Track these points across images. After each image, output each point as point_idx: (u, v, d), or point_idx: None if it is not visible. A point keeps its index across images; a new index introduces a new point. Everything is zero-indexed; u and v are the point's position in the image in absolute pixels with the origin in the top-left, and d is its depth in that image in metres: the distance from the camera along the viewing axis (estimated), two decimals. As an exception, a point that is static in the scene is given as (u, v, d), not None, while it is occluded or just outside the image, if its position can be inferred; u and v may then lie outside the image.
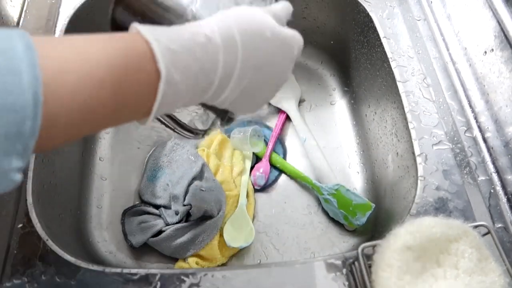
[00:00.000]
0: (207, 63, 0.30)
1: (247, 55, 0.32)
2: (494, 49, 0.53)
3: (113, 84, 0.27)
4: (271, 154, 0.70)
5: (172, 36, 0.29)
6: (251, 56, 0.32)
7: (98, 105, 0.27)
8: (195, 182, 0.62)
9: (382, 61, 0.63)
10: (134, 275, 0.44)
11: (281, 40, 0.34)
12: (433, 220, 0.39)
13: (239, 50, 0.31)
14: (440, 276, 0.37)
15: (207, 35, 0.30)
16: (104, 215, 0.65)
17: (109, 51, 0.27)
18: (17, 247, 0.46)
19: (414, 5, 0.67)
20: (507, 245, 0.46)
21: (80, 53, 0.26)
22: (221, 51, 0.30)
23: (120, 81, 0.27)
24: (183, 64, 0.29)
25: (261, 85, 0.35)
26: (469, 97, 0.56)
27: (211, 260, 0.59)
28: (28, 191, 0.49)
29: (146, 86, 0.29)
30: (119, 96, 0.28)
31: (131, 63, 0.28)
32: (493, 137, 0.52)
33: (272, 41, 0.33)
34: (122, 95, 0.28)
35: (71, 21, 0.64)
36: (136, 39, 0.29)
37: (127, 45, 0.28)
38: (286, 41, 0.35)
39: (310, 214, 0.66)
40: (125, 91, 0.28)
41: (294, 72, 0.78)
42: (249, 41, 0.32)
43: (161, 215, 0.61)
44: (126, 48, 0.28)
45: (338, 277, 0.44)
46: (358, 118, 0.74)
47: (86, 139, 0.70)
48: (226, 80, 0.32)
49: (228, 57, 0.31)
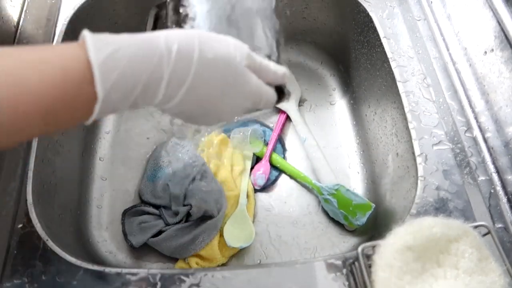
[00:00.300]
0: (151, 81, 0.29)
1: (196, 83, 0.31)
2: (494, 49, 0.53)
3: (46, 114, 0.27)
4: (271, 154, 0.70)
5: (121, 47, 0.28)
6: (199, 90, 0.31)
7: (27, 127, 0.27)
8: (195, 182, 0.62)
9: (382, 61, 0.63)
10: (134, 275, 0.44)
11: (241, 91, 0.33)
12: (433, 220, 0.39)
13: (187, 83, 0.30)
14: (440, 276, 0.37)
15: (161, 53, 0.29)
16: (104, 215, 0.65)
17: (45, 79, 0.26)
18: (17, 247, 0.46)
19: (414, 5, 0.67)
20: (507, 245, 0.46)
21: (14, 81, 0.26)
22: (167, 77, 0.29)
23: (55, 109, 0.27)
24: (123, 83, 0.28)
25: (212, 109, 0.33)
26: (469, 97, 0.56)
27: (211, 260, 0.59)
28: (28, 191, 0.49)
29: (81, 107, 0.28)
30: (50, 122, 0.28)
31: (69, 88, 0.27)
32: (493, 137, 0.52)
33: (231, 86, 0.32)
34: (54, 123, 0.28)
35: (71, 21, 0.64)
36: (79, 56, 0.28)
37: (67, 68, 0.27)
38: (246, 92, 0.33)
39: (310, 214, 0.66)
40: (58, 119, 0.28)
41: (294, 72, 0.79)
42: (202, 78, 0.31)
43: (161, 215, 0.61)
44: (65, 74, 0.27)
45: (338, 277, 0.44)
46: (358, 118, 0.74)
47: (86, 139, 0.70)
48: (164, 101, 0.31)
49: (173, 84, 0.30)
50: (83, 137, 0.69)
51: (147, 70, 0.29)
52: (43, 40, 0.62)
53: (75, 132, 0.66)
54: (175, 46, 0.30)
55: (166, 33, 0.30)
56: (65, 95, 0.27)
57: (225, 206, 0.61)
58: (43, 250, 0.46)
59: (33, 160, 0.52)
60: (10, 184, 0.50)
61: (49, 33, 0.63)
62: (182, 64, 0.30)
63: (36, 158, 0.52)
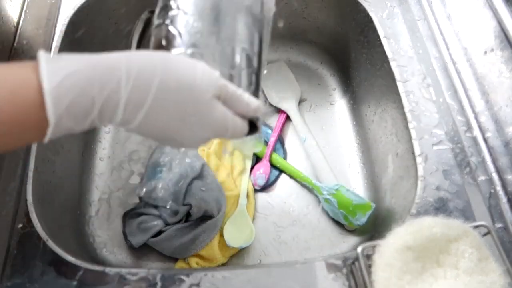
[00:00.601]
0: (107, 105, 0.29)
1: (154, 109, 0.30)
2: (494, 49, 0.53)
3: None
4: (271, 154, 0.70)
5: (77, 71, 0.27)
6: (158, 115, 0.30)
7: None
8: (195, 182, 0.62)
9: (382, 61, 0.63)
10: (134, 275, 0.44)
11: (202, 120, 0.32)
12: (433, 220, 0.39)
13: (145, 108, 0.29)
14: (440, 276, 0.37)
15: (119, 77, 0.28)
16: (104, 215, 0.65)
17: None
18: (17, 247, 0.46)
19: (414, 5, 0.67)
20: (507, 245, 0.46)
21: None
22: (123, 102, 0.29)
23: (2, 132, 0.27)
24: (77, 108, 0.28)
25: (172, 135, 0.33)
26: (469, 97, 0.56)
27: (211, 260, 0.59)
28: (28, 191, 0.49)
29: (33, 130, 0.28)
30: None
31: (18, 113, 0.27)
32: (493, 137, 0.52)
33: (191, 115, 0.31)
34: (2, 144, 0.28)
35: (71, 21, 0.64)
36: (31, 80, 0.27)
37: (17, 93, 0.27)
38: (208, 122, 0.32)
39: (310, 214, 0.66)
40: (6, 141, 0.28)
41: (294, 72, 0.79)
42: (161, 104, 0.30)
43: (161, 215, 0.61)
44: (15, 98, 0.26)
45: (338, 277, 0.44)
46: (358, 118, 0.74)
47: (86, 139, 0.70)
48: (123, 124, 0.30)
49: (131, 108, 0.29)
50: (83, 137, 0.69)
51: (103, 95, 0.28)
52: (43, 40, 0.62)
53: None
54: (135, 71, 0.29)
55: (128, 56, 0.30)
56: (14, 119, 0.27)
57: (225, 206, 0.61)
58: (43, 250, 0.46)
59: (33, 160, 0.52)
60: (10, 184, 0.50)
61: (49, 33, 0.63)
62: (140, 89, 0.29)
63: (36, 158, 0.52)
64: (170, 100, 0.30)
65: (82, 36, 0.68)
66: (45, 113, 0.27)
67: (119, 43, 0.76)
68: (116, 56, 0.29)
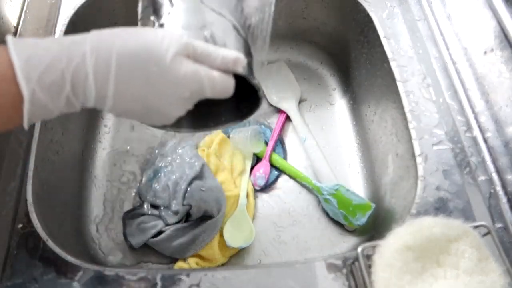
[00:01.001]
0: (77, 77, 0.30)
1: (121, 77, 0.31)
2: (494, 49, 0.53)
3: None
4: (271, 154, 0.70)
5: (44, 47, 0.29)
6: (127, 83, 0.31)
7: None
8: (195, 182, 0.62)
9: (382, 61, 0.63)
10: (134, 275, 0.44)
11: (170, 79, 0.32)
12: (433, 220, 0.39)
13: (111, 76, 0.30)
14: (440, 276, 0.37)
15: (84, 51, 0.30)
16: (104, 215, 0.65)
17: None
18: (17, 247, 0.46)
19: (414, 5, 0.67)
20: (507, 245, 0.46)
21: None
22: (91, 72, 0.30)
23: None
24: (48, 80, 0.29)
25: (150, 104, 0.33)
26: (469, 97, 0.56)
27: (211, 260, 0.59)
28: (28, 191, 0.49)
29: (9, 109, 0.29)
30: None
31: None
32: (493, 137, 0.52)
33: (157, 75, 0.32)
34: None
35: (71, 21, 0.64)
36: (2, 56, 0.28)
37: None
38: (177, 80, 0.32)
39: (310, 214, 0.66)
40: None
41: (294, 72, 0.79)
42: (126, 70, 0.31)
43: (160, 216, 0.61)
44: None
45: (338, 277, 0.44)
46: (358, 118, 0.74)
47: (86, 139, 0.70)
48: (101, 100, 0.31)
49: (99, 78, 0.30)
50: (83, 137, 0.69)
51: (71, 67, 0.29)
52: (43, 40, 0.62)
53: (75, 132, 0.66)
54: (96, 43, 0.30)
55: (93, 33, 0.31)
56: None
57: (225, 206, 0.61)
58: (43, 250, 0.46)
59: (33, 160, 0.52)
60: (10, 184, 0.50)
61: (49, 33, 0.63)
62: (103, 59, 0.30)
63: (36, 158, 0.52)
64: (132, 65, 0.31)
65: (82, 36, 0.68)
66: (19, 88, 0.28)
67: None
68: (81, 35, 0.31)
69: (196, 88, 0.33)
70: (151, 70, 0.31)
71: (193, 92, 0.33)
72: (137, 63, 0.31)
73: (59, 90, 0.29)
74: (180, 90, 0.33)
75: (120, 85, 0.31)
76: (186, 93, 0.33)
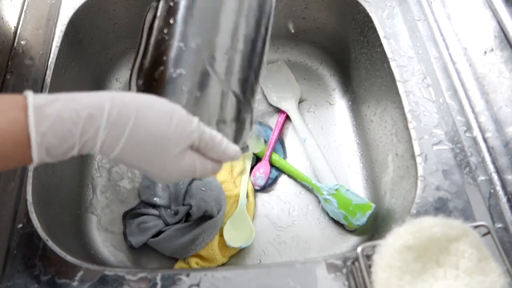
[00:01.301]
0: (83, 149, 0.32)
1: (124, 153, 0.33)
2: (494, 49, 0.53)
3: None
4: (271, 154, 0.70)
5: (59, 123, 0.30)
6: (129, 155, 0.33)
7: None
8: (195, 182, 0.62)
9: (382, 61, 0.63)
10: (134, 275, 0.44)
11: (169, 164, 0.34)
12: (433, 220, 0.39)
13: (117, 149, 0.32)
14: (440, 276, 0.37)
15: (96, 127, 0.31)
16: (104, 215, 0.65)
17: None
18: (17, 247, 0.46)
19: (414, 5, 0.67)
20: (507, 245, 0.46)
21: None
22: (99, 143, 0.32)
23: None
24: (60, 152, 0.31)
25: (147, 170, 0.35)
26: (469, 97, 0.56)
27: (211, 260, 0.59)
28: (28, 191, 0.49)
29: (16, 162, 0.31)
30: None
31: (7, 149, 0.29)
32: (493, 137, 0.52)
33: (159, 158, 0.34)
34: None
35: (71, 21, 0.64)
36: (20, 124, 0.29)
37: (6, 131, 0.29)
38: (175, 166, 0.35)
39: (310, 214, 0.66)
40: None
41: (294, 72, 0.79)
42: (131, 147, 0.32)
43: (160, 216, 0.61)
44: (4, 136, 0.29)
45: (338, 277, 0.44)
46: (358, 118, 0.74)
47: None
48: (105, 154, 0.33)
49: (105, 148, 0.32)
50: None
51: (82, 140, 0.31)
52: (43, 40, 0.62)
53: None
54: (113, 118, 0.32)
55: (111, 100, 0.32)
56: (1, 152, 0.29)
57: (225, 206, 0.61)
58: (43, 250, 0.46)
59: (33, 160, 0.52)
60: (10, 184, 0.50)
61: (49, 33, 0.63)
62: (113, 136, 0.32)
63: (36, 158, 0.52)
64: (139, 146, 0.33)
65: (82, 36, 0.68)
66: (30, 153, 0.30)
67: (119, 43, 0.76)
68: (99, 100, 0.32)
69: (188, 175, 0.36)
70: (154, 159, 0.34)
71: (184, 177, 0.37)
72: (143, 146, 0.33)
73: (65, 155, 0.32)
74: (175, 175, 0.36)
75: (122, 155, 0.33)
76: (179, 177, 0.36)
